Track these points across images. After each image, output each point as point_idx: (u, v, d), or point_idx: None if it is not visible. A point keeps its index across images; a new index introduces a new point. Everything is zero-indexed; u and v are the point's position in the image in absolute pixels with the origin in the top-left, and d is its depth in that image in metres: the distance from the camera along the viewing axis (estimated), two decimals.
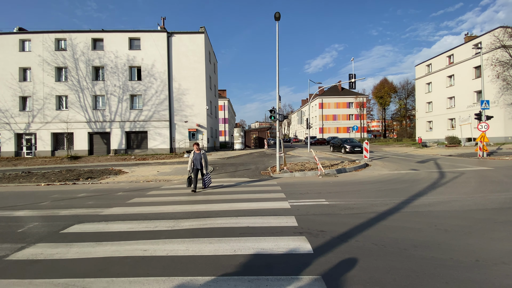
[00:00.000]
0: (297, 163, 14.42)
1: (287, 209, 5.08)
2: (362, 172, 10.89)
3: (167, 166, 14.78)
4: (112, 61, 25.93)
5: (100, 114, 25.89)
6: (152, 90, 25.96)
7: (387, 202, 5.43)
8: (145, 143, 26.19)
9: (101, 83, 25.92)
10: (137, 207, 5.71)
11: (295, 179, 9.31)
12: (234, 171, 12.10)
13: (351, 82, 21.07)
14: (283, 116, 10.87)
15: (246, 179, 9.60)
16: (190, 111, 26.23)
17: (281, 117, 10.85)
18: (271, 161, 15.90)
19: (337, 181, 8.57)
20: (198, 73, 26.29)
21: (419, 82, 42.01)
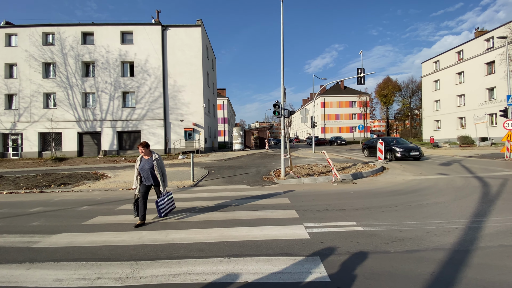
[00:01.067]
0: (303, 165, 12.80)
1: (306, 241, 3.45)
2: (381, 177, 9.25)
3: None
4: (103, 56, 24.32)
5: (90, 112, 24.27)
6: (145, 87, 24.34)
7: (445, 227, 3.81)
8: (138, 143, 24.48)
9: (91, 80, 24.31)
10: (92, 233, 4.09)
11: (305, 187, 7.67)
12: (232, 175, 10.47)
13: (360, 77, 19.45)
14: (289, 112, 9.26)
15: (245, 186, 7.96)
16: (186, 109, 24.61)
17: (286, 113, 9.24)
18: (273, 164, 14.27)
19: (358, 190, 6.94)
20: (194, 68, 24.67)
21: (426, 80, 40.39)
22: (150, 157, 4.68)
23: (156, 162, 4.64)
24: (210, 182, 9.02)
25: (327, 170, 10.93)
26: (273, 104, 9.05)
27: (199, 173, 11.22)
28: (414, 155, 13.87)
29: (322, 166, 12.40)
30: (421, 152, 14.01)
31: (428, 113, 39.74)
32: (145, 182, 4.63)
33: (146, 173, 4.59)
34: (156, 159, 4.67)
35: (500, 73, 27.01)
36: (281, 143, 9.29)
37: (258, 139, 30.04)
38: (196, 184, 8.69)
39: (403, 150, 14.02)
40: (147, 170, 4.57)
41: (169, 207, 4.83)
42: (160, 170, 4.68)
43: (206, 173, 11.12)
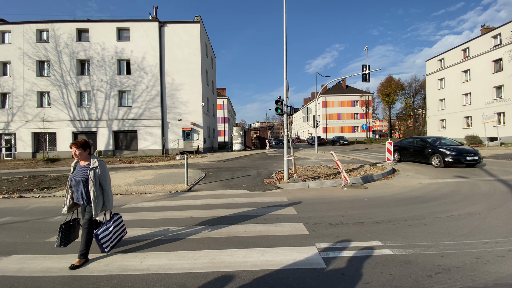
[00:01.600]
0: (306, 167, 11.98)
1: (321, 272, 2.63)
2: (394, 180, 8.44)
3: (151, 171, 12.35)
4: (98, 53, 23.55)
5: (85, 112, 23.51)
6: (142, 85, 23.56)
7: (496, 249, 3.00)
8: (134, 144, 23.78)
9: (86, 78, 23.54)
10: (51, 256, 3.29)
11: (311, 193, 6.86)
12: (230, 178, 9.66)
13: (365, 74, 18.63)
14: (293, 109, 8.44)
15: (244, 192, 7.16)
16: (185, 108, 23.82)
17: (290, 110, 8.42)
18: (274, 165, 13.46)
19: (373, 197, 6.12)
20: (193, 66, 23.88)
21: (430, 78, 39.52)
22: (88, 163, 3.14)
23: (93, 172, 3.03)
24: (206, 186, 8.21)
25: (333, 173, 10.12)
26: (275, 100, 8.23)
27: (195, 175, 10.42)
28: (471, 161, 10.24)
29: (328, 168, 11.59)
30: (480, 156, 10.46)
31: (433, 113, 38.86)
32: (76, 200, 3.13)
33: (77, 187, 3.07)
34: (94, 169, 3.05)
35: (508, 71, 26.16)
36: (284, 143, 8.47)
37: (258, 139, 29.24)
38: (191, 189, 7.89)
39: (457, 154, 10.40)
40: (79, 183, 3.04)
41: (117, 237, 3.35)
42: (97, 185, 3.03)
43: (203, 176, 10.32)
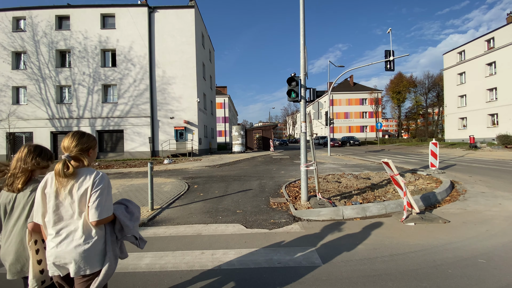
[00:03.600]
0: (325, 176, 9.03)
1: None
2: (471, 202, 5.46)
3: (121, 181, 9.49)
4: (80, 43, 20.83)
5: (65, 109, 20.79)
6: (129, 79, 20.78)
7: None
8: (121, 145, 20.99)
9: (67, 71, 20.83)
10: None
11: (354, 233, 3.91)
12: (221, 195, 6.74)
13: (389, 61, 15.65)
14: (315, 93, 5.49)
15: (238, 229, 4.21)
16: (177, 104, 20.99)
17: (309, 94, 5.49)
18: (282, 172, 10.51)
19: (488, 252, 3.16)
20: (187, 57, 21.05)
21: (448, 73, 36.30)
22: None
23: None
24: (179, 213, 5.29)
25: (366, 186, 7.17)
26: (287, 78, 5.32)
27: (173, 189, 7.52)
28: None
29: (355, 178, 8.62)
30: None
31: (451, 110, 35.61)
32: None
33: None
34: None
35: None
36: (301, 145, 5.53)
37: (261, 139, 26.31)
38: (153, 218, 4.98)
39: None
40: None
41: None
42: None
43: (184, 190, 7.41)
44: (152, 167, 5.43)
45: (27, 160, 1.72)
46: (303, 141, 5.51)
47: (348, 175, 9.34)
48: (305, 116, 5.45)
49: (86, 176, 1.52)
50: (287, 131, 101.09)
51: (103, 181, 1.54)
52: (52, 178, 1.52)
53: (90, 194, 1.49)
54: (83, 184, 1.50)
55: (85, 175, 1.53)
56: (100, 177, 1.54)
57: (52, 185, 1.51)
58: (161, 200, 6.25)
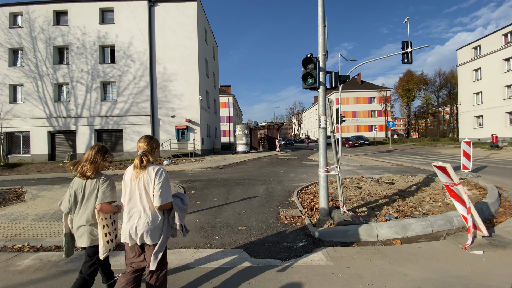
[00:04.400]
0: (342, 180, 7.87)
1: None
2: None
3: None
4: (78, 39, 20.03)
5: (63, 107, 20.00)
6: (129, 76, 19.89)
7: None
8: (120, 145, 20.12)
9: (64, 68, 20.04)
10: None
11: (410, 273, 2.76)
12: (220, 204, 5.65)
13: (406, 52, 14.36)
14: (336, 78, 4.34)
15: (240, 261, 3.13)
16: (179, 102, 20.02)
17: (331, 79, 4.36)
18: (291, 175, 9.38)
19: None
20: (189, 52, 20.06)
21: (463, 70, 34.61)
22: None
23: None
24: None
25: (394, 193, 6.02)
26: (302, 60, 4.20)
27: None
28: None
29: (376, 182, 7.46)
30: None
31: (466, 108, 33.93)
32: None
33: None
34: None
35: None
36: (320, 144, 4.41)
37: (266, 139, 25.17)
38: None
39: None
40: None
41: None
42: None
43: None
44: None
45: (96, 156, 2.20)
46: (323, 138, 4.38)
47: (367, 178, 8.16)
48: (325, 107, 4.31)
49: (151, 170, 1.98)
50: (292, 130, 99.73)
51: (163, 175, 1.98)
52: (130, 170, 2.03)
53: (154, 184, 1.95)
54: (149, 176, 1.96)
55: (151, 169, 1.98)
56: (161, 171, 1.98)
57: (130, 175, 2.02)
58: None
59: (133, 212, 1.95)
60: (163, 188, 1.93)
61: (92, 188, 2.15)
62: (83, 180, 2.17)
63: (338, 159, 4.29)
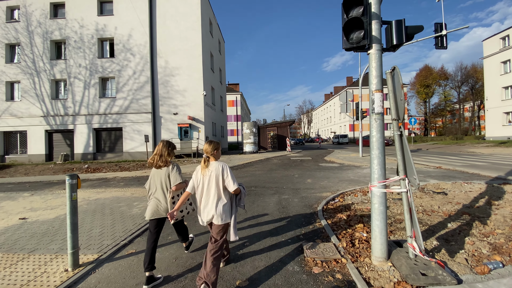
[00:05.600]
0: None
1: None
2: None
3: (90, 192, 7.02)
4: (76, 32, 18.86)
5: (60, 105, 18.89)
6: (128, 71, 18.57)
7: None
8: (120, 145, 18.83)
9: (62, 63, 18.92)
10: None
11: None
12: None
13: (440, 36, 12.32)
14: (401, 30, 2.58)
15: None
16: (182, 98, 18.56)
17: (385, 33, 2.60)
18: (308, 180, 7.65)
19: None
20: (192, 44, 18.56)
21: (489, 62, 31.79)
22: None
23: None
24: (126, 277, 2.62)
25: (459, 210, 4.22)
26: (342, 1, 2.47)
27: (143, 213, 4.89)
28: None
29: (422, 192, 5.66)
30: None
31: (493, 104, 31.11)
32: None
33: None
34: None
35: None
36: (372, 138, 2.68)
37: (276, 137, 23.43)
38: None
39: None
40: None
41: None
42: None
43: None
44: (73, 184, 2.77)
45: (163, 150, 2.81)
46: (377, 130, 2.66)
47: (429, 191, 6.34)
48: (381, 77, 2.59)
49: (216, 166, 2.53)
50: (302, 130, 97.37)
51: (227, 168, 2.53)
52: (199, 167, 2.60)
53: (223, 176, 2.49)
54: (214, 171, 2.50)
55: (216, 166, 2.52)
56: (226, 167, 2.54)
57: (199, 170, 2.60)
58: (108, 239, 3.59)
59: (207, 200, 2.49)
60: (230, 178, 2.47)
61: (165, 174, 2.79)
62: (158, 169, 2.82)
63: (408, 166, 2.55)
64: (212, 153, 2.54)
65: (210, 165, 2.52)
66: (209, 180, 2.48)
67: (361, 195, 5.66)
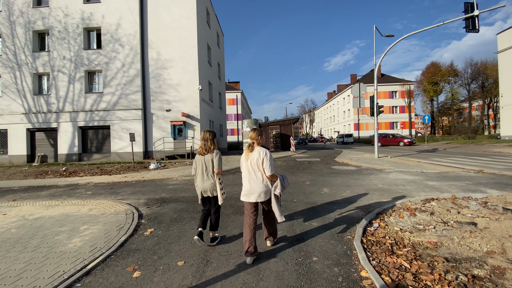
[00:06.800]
0: (416, 201, 4.37)
1: None
2: None
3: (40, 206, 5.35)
4: (60, 21, 17.23)
5: (43, 101, 17.27)
6: (117, 63, 16.92)
7: None
8: (107, 145, 17.18)
9: (45, 56, 17.30)
10: None
11: None
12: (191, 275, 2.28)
13: (472, 17, 10.64)
14: None
15: None
16: (175, 94, 16.89)
17: None
18: (324, 190, 5.95)
19: None
20: (186, 34, 16.89)
21: (504, 56, 29.97)
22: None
23: None
24: None
25: None
26: None
27: (99, 237, 3.21)
28: None
29: (496, 212, 3.90)
30: None
31: (509, 101, 29.25)
32: None
33: None
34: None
35: None
36: None
37: (279, 136, 21.70)
38: None
39: None
40: None
41: None
42: None
43: (117, 243, 3.07)
44: None
45: (207, 135, 3.26)
46: None
47: (466, 200, 4.61)
48: None
49: (259, 151, 2.84)
50: (304, 129, 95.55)
51: (268, 154, 2.81)
52: (245, 152, 2.95)
53: (263, 161, 2.79)
54: (257, 155, 2.82)
55: (258, 151, 2.84)
56: (266, 152, 2.83)
57: (244, 155, 2.95)
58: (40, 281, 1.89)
59: (252, 181, 2.84)
60: (269, 163, 2.77)
61: (209, 159, 3.19)
62: (203, 156, 3.21)
63: None
64: (256, 139, 2.89)
65: (254, 150, 2.88)
66: (251, 163, 2.84)
67: (408, 215, 3.95)
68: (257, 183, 2.75)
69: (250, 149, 2.83)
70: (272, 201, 2.78)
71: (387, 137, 28.49)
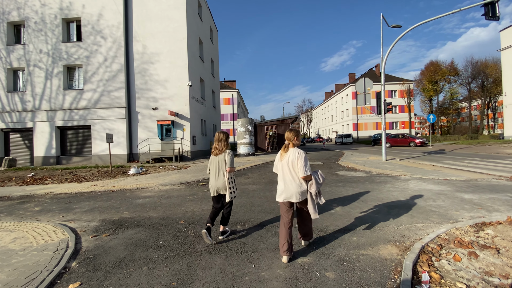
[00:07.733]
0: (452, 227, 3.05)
1: None
2: None
3: None
4: (36, 12, 15.76)
5: (18, 98, 15.77)
6: (99, 57, 15.49)
7: None
8: (88, 146, 15.73)
9: (20, 49, 15.80)
10: None
11: None
12: None
13: (491, 3, 9.44)
14: None
15: None
16: (162, 90, 15.51)
17: None
18: (337, 209, 4.64)
19: None
20: (175, 26, 15.52)
21: (507, 54, 29.03)
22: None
23: None
24: None
25: None
26: None
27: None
28: None
29: None
30: None
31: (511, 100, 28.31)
32: None
33: None
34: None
35: None
36: None
37: (276, 137, 20.40)
38: None
39: None
40: None
41: None
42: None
43: None
44: None
45: (220, 136, 3.41)
46: None
47: None
48: None
49: (294, 152, 2.80)
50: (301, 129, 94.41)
51: (303, 155, 2.74)
52: (280, 153, 2.95)
53: (298, 161, 2.73)
54: (292, 156, 2.78)
55: (293, 152, 2.80)
56: (301, 153, 2.76)
57: (279, 155, 2.94)
58: None
59: (287, 181, 2.79)
60: (303, 164, 2.70)
61: (222, 158, 3.30)
62: (216, 156, 3.34)
63: None
64: (292, 139, 2.86)
65: (288, 151, 2.85)
66: (287, 164, 2.82)
67: (466, 256, 2.65)
68: (292, 184, 2.75)
69: (285, 150, 2.88)
70: (308, 199, 2.80)
71: (397, 137, 26.80)
